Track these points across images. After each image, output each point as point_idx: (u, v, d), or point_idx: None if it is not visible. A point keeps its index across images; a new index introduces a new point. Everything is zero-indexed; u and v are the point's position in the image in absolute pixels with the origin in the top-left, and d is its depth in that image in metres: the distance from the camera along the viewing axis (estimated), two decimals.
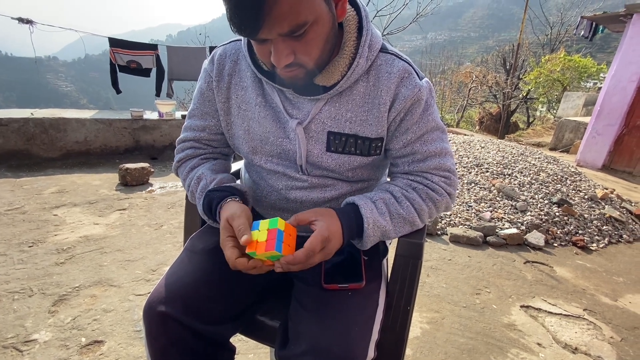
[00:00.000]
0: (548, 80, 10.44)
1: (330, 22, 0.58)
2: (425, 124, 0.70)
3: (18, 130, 3.07)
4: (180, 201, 2.56)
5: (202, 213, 0.74)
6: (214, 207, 0.69)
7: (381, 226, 0.67)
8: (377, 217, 0.66)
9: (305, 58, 0.58)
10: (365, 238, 0.67)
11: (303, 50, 0.56)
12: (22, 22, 4.26)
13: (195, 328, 0.65)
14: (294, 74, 0.60)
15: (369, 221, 0.65)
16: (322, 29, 0.56)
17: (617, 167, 4.71)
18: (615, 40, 5.30)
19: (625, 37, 4.44)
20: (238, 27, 0.52)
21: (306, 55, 0.57)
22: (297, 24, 0.52)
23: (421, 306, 1.60)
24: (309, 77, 0.62)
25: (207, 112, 0.78)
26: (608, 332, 1.54)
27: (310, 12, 0.53)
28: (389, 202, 0.69)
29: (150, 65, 4.36)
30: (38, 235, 1.94)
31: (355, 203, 0.68)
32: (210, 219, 0.73)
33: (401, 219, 0.69)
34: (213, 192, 0.70)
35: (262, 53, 0.59)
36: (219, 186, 0.72)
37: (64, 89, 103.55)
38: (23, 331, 1.27)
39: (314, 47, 0.57)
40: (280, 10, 0.50)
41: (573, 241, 2.36)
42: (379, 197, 0.69)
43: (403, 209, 0.69)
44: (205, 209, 0.72)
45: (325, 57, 0.61)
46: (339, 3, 0.58)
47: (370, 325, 0.65)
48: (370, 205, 0.67)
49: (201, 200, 0.72)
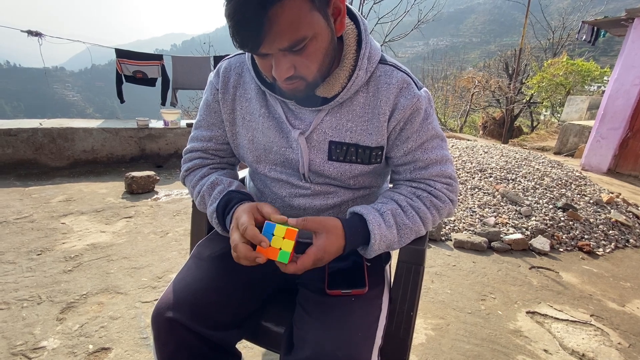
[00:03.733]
0: (551, 84, 10.43)
1: (329, 36, 0.60)
2: (426, 133, 0.71)
3: (27, 140, 3.13)
4: (186, 208, 2.58)
5: (212, 212, 0.74)
6: (231, 205, 0.70)
7: (387, 240, 0.68)
8: (384, 232, 0.66)
9: (305, 71, 0.60)
10: (369, 252, 0.68)
11: (303, 64, 0.59)
12: (31, 34, 4.37)
13: (202, 334, 0.66)
14: (294, 86, 0.62)
15: (376, 237, 0.66)
16: (321, 43, 0.58)
17: (622, 170, 4.68)
18: (619, 43, 5.29)
19: (627, 41, 4.45)
20: (240, 44, 0.55)
21: (306, 68, 0.59)
22: (296, 40, 0.54)
23: (426, 312, 1.59)
24: (309, 89, 0.64)
25: (214, 123, 0.80)
26: (616, 338, 1.52)
27: (309, 28, 0.55)
28: (396, 213, 0.69)
29: (156, 75, 4.45)
30: (46, 244, 1.97)
31: (363, 217, 0.67)
32: (219, 221, 0.73)
33: (407, 229, 0.70)
34: (234, 193, 0.72)
35: (264, 67, 0.61)
36: (239, 190, 0.74)
37: (70, 98, 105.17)
38: (32, 338, 1.29)
39: (313, 61, 0.59)
40: (279, 28, 0.52)
41: (579, 246, 2.34)
42: (386, 208, 0.69)
43: (409, 219, 0.70)
44: (220, 208, 0.72)
45: (324, 70, 0.63)
46: (337, 18, 0.61)
47: (373, 330, 0.66)
48: (379, 219, 0.67)
49: (218, 200, 0.73)
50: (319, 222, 0.63)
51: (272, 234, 0.60)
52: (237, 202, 0.70)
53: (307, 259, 0.61)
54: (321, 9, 0.56)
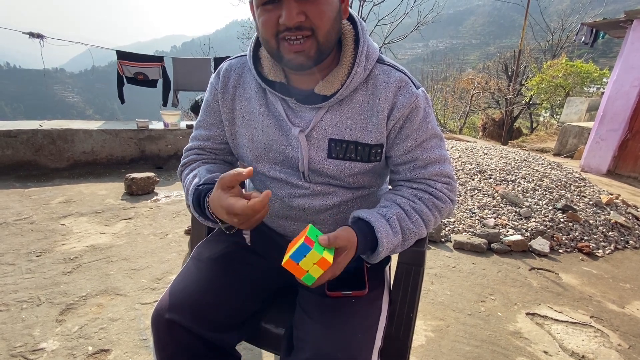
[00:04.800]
0: (550, 85, 10.45)
1: (338, 9, 0.62)
2: (425, 132, 0.72)
3: (27, 142, 3.13)
4: (185, 210, 2.58)
5: (192, 209, 0.73)
6: (202, 199, 0.69)
7: (393, 246, 0.68)
8: (391, 240, 0.67)
9: (316, 21, 0.60)
10: (374, 258, 0.68)
11: (314, 13, 0.59)
12: (32, 36, 4.38)
13: (202, 335, 0.66)
14: (304, 46, 0.61)
15: (383, 245, 0.66)
16: (332, 3, 0.61)
17: (622, 172, 4.68)
18: (617, 45, 5.31)
19: (627, 42, 4.46)
20: None
21: (317, 17, 0.59)
22: None
23: (425, 314, 1.59)
24: (317, 55, 0.62)
25: (212, 123, 0.81)
26: (615, 339, 1.52)
27: None
28: (401, 218, 0.69)
29: (157, 77, 4.46)
30: (46, 245, 1.97)
31: (370, 224, 0.67)
32: (201, 214, 0.72)
33: (412, 233, 0.70)
34: (201, 187, 0.71)
35: (270, 22, 0.60)
36: (208, 181, 0.72)
37: (70, 100, 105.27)
38: (31, 340, 1.29)
39: (325, 13, 0.60)
40: None
41: (578, 247, 2.34)
42: (392, 213, 0.68)
43: (413, 223, 0.70)
44: (196, 206, 0.71)
45: (332, 36, 0.63)
46: (342, 4, 0.64)
47: (373, 332, 0.66)
48: (386, 226, 0.67)
49: (192, 196, 0.72)
50: (346, 240, 0.61)
51: (305, 255, 0.57)
52: (206, 194, 0.68)
53: (326, 276, 0.59)
54: None
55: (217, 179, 0.63)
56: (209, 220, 0.71)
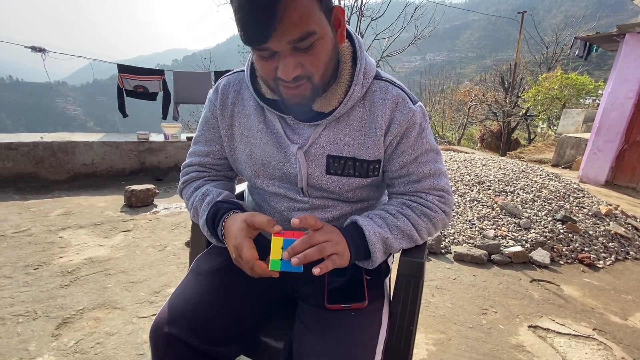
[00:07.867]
0: (547, 97, 10.59)
1: (333, 43, 0.62)
2: (420, 147, 0.73)
3: (28, 154, 3.15)
4: (185, 222, 2.57)
5: (203, 225, 0.75)
6: (219, 216, 0.71)
7: (381, 235, 0.68)
8: (375, 228, 0.68)
9: (312, 69, 0.60)
10: (370, 247, 0.67)
11: (310, 62, 0.59)
12: (35, 50, 4.45)
13: (201, 349, 0.66)
14: (299, 91, 0.62)
15: (368, 229, 0.67)
16: (327, 44, 0.60)
17: (620, 182, 4.70)
18: (611, 57, 5.40)
19: (620, 55, 4.55)
20: (249, 36, 0.55)
21: (313, 66, 0.60)
22: (306, 32, 0.55)
23: (427, 327, 1.57)
24: (313, 94, 0.64)
25: (211, 139, 0.81)
26: (619, 352, 1.50)
27: (318, 25, 0.57)
28: (384, 216, 0.71)
29: (157, 90, 4.51)
30: (44, 258, 1.95)
31: (352, 219, 0.71)
32: (211, 233, 0.74)
33: (399, 231, 0.71)
34: (221, 203, 0.73)
35: (267, 69, 0.61)
36: (227, 199, 0.74)
37: (71, 112, 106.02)
38: (27, 355, 1.26)
39: (320, 60, 0.60)
40: (291, 19, 0.53)
41: (579, 259, 2.33)
42: (374, 213, 0.72)
43: (400, 222, 0.71)
44: (209, 220, 0.72)
45: (328, 75, 0.64)
46: (338, 30, 0.63)
47: (373, 345, 0.65)
48: (366, 219, 0.70)
49: (206, 212, 0.73)
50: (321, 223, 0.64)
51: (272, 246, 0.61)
52: (225, 212, 0.71)
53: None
54: (326, 14, 0.59)
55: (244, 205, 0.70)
56: (215, 237, 0.73)
